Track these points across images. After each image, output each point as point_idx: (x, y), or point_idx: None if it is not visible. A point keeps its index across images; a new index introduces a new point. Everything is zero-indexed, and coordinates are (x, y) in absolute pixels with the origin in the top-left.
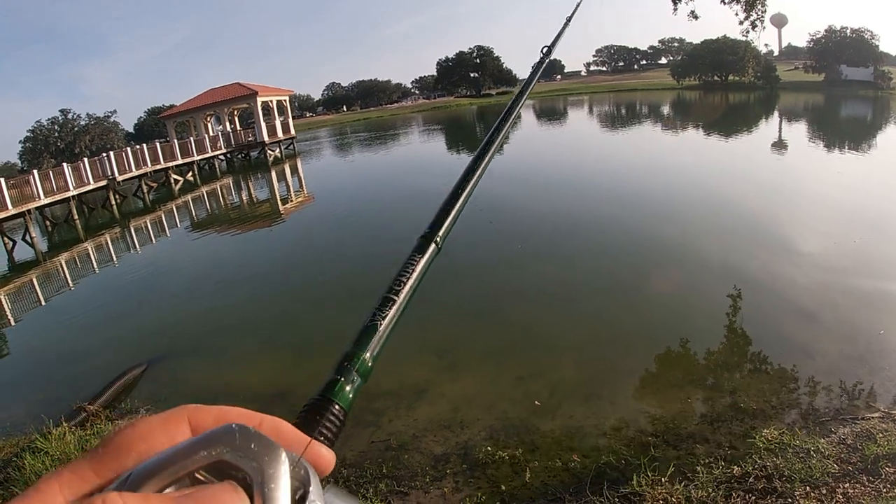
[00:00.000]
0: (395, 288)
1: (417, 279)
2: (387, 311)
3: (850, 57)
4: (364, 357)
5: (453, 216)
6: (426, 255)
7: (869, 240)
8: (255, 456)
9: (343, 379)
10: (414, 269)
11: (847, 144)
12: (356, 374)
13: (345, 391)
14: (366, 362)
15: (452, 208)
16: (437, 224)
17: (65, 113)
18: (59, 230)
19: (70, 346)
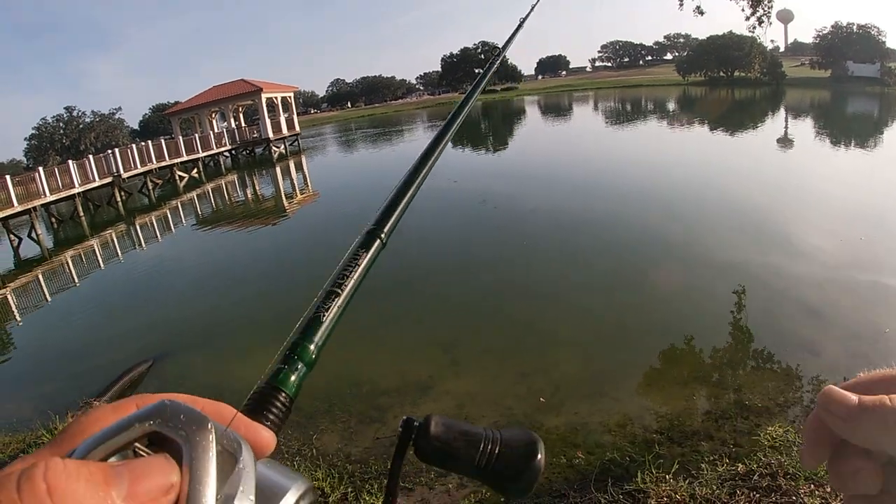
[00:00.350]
0: (339, 282)
1: (361, 274)
2: (330, 304)
3: (856, 53)
4: (309, 347)
5: (399, 212)
6: (371, 251)
7: (875, 237)
8: (184, 426)
9: (288, 367)
10: (358, 264)
11: (853, 141)
12: (301, 363)
13: (290, 379)
14: (310, 352)
15: (399, 204)
16: (383, 220)
17: (70, 110)
18: (65, 227)
19: (76, 342)
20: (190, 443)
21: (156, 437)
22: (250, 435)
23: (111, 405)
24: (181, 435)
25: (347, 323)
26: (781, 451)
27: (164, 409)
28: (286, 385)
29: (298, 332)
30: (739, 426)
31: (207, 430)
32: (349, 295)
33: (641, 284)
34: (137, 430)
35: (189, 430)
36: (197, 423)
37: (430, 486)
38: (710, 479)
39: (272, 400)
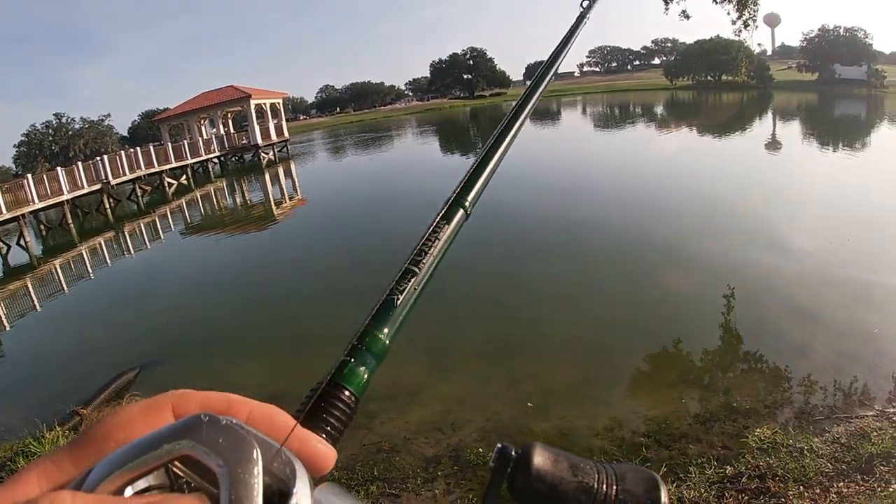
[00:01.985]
0: (417, 259)
1: (443, 249)
2: (405, 285)
3: (843, 56)
4: (379, 336)
5: (484, 179)
6: (453, 222)
7: (861, 238)
8: (222, 451)
9: (355, 361)
10: (439, 238)
11: (840, 144)
12: (370, 356)
13: (356, 374)
14: (381, 341)
15: (484, 170)
16: (466, 188)
17: (59, 117)
18: (54, 234)
19: (64, 349)
20: (230, 476)
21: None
22: (305, 451)
23: (141, 405)
24: (219, 465)
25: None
26: (770, 453)
27: (198, 426)
28: (352, 382)
29: (368, 319)
30: (727, 428)
31: (252, 459)
32: (428, 273)
33: (629, 287)
34: (165, 452)
35: (229, 457)
36: (239, 448)
37: (417, 493)
38: (698, 481)
39: (333, 401)
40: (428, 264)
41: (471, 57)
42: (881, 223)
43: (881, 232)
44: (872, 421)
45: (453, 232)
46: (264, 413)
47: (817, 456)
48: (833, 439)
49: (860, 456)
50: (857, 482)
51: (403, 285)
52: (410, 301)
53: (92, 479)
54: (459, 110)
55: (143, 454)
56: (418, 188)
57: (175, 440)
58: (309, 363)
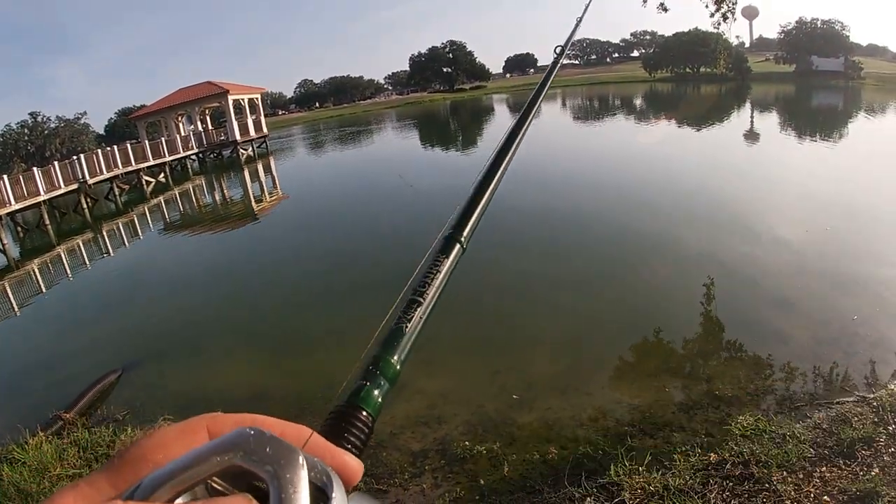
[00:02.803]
0: (421, 290)
1: (443, 281)
2: (412, 314)
3: (820, 48)
4: (391, 361)
5: (477, 215)
6: (451, 256)
7: (840, 227)
8: (270, 460)
9: (370, 384)
10: (439, 271)
11: (818, 134)
12: (383, 379)
13: (372, 396)
14: (393, 366)
15: (476, 207)
16: (461, 223)
17: (34, 116)
18: (31, 236)
19: (44, 353)
20: (278, 479)
21: (234, 470)
22: (336, 464)
23: (177, 427)
24: (268, 471)
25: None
26: (753, 440)
27: (246, 438)
28: (368, 404)
29: (379, 344)
30: (711, 416)
31: (298, 465)
32: (431, 303)
33: (611, 278)
34: (216, 463)
35: (277, 463)
36: (286, 455)
37: (405, 487)
38: (682, 469)
39: (354, 420)
40: (431, 295)
41: (450, 50)
42: (860, 212)
43: (860, 220)
44: (853, 406)
45: (452, 265)
46: (296, 431)
47: (800, 442)
48: (815, 425)
49: (842, 441)
50: (839, 467)
51: (410, 314)
52: (418, 328)
53: (141, 493)
54: (440, 104)
55: (193, 467)
56: (399, 183)
57: (225, 452)
58: (291, 361)
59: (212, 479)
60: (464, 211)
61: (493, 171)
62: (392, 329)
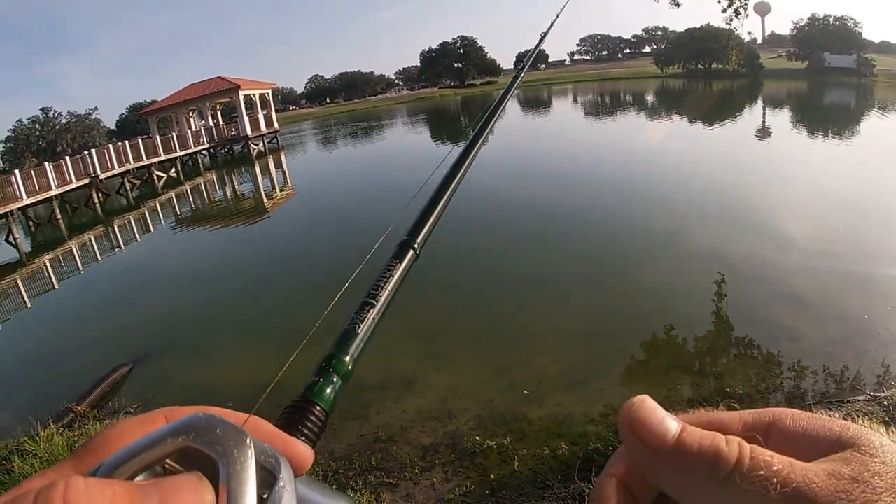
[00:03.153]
0: (374, 293)
1: (395, 285)
2: (365, 315)
3: (833, 44)
4: (344, 360)
5: (431, 223)
6: (404, 262)
7: (852, 225)
8: (219, 441)
9: (323, 381)
10: (392, 275)
11: (830, 131)
12: (336, 376)
13: (325, 393)
14: (346, 364)
15: (431, 215)
16: (415, 231)
17: (46, 111)
18: (43, 230)
19: (56, 346)
20: (227, 459)
21: (188, 453)
22: (287, 450)
23: (137, 418)
24: (217, 451)
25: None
26: None
27: (198, 422)
28: (321, 399)
29: (333, 344)
30: None
31: (246, 445)
32: (384, 306)
33: (623, 274)
34: (169, 445)
35: (226, 445)
36: (234, 437)
37: (415, 481)
38: None
39: (307, 414)
40: (384, 298)
41: (461, 46)
42: (871, 210)
43: (872, 218)
44: (863, 405)
45: (405, 270)
46: (250, 422)
47: None
48: None
49: None
50: None
51: (364, 315)
52: (370, 329)
53: (103, 471)
54: (450, 99)
55: (147, 449)
56: (410, 179)
57: (178, 435)
58: (301, 359)
59: (166, 461)
60: (419, 219)
61: (448, 182)
62: (345, 329)
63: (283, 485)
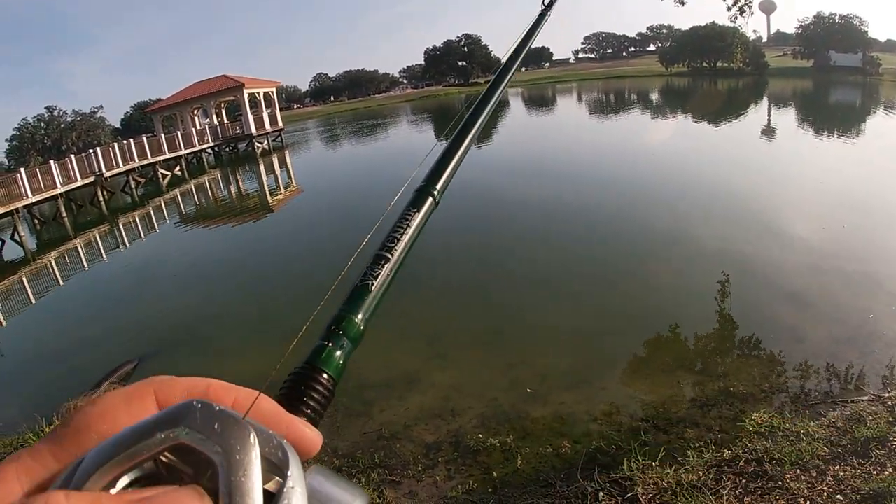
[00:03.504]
0: (389, 245)
1: (413, 236)
2: (379, 271)
3: (838, 43)
4: (355, 320)
5: (452, 167)
6: (423, 210)
7: (857, 224)
8: (218, 439)
9: (332, 345)
10: (409, 225)
11: (836, 130)
12: (346, 339)
13: (334, 358)
14: (357, 325)
15: (451, 159)
16: (434, 176)
17: (51, 110)
18: (48, 228)
19: (61, 343)
20: (228, 462)
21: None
22: (293, 434)
23: (122, 393)
24: (216, 452)
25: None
26: (767, 437)
27: (192, 412)
28: (329, 365)
29: (344, 303)
30: (725, 412)
31: (249, 443)
32: (400, 259)
33: (626, 273)
34: (159, 441)
35: (226, 443)
36: (236, 433)
37: (418, 479)
38: (696, 465)
39: (313, 384)
40: (399, 250)
41: (465, 44)
42: (877, 209)
43: (877, 218)
44: (868, 405)
45: (423, 219)
46: (249, 398)
47: (814, 440)
48: (829, 423)
49: (856, 440)
50: (853, 465)
51: (377, 271)
52: (384, 286)
53: (81, 475)
54: (454, 97)
55: (135, 444)
56: (414, 177)
57: (169, 428)
58: (304, 354)
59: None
60: (438, 164)
61: (469, 125)
62: (357, 286)
63: (293, 484)
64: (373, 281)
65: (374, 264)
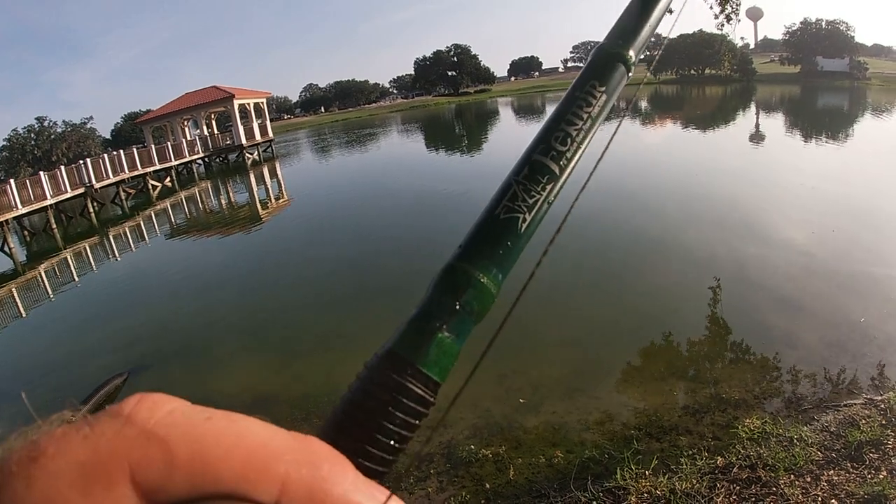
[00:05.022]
0: (558, 149)
1: (593, 130)
2: (538, 193)
3: (825, 48)
4: (484, 282)
5: (653, 22)
6: (611, 84)
7: (847, 229)
8: None
9: (446, 327)
10: (590, 113)
11: (823, 135)
12: (467, 316)
13: (444, 350)
14: (489, 291)
15: (650, 15)
16: (626, 31)
17: (41, 120)
18: (38, 240)
19: (50, 356)
20: None
21: None
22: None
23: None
24: None
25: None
26: (760, 443)
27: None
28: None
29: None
30: (717, 419)
31: None
32: (573, 166)
33: (617, 280)
34: None
35: None
36: None
37: (410, 491)
38: (689, 473)
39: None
40: (573, 156)
41: (455, 54)
42: (866, 213)
43: (866, 222)
44: (861, 409)
45: (608, 100)
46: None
47: (807, 445)
48: (822, 428)
49: (849, 444)
50: (846, 470)
51: (534, 194)
52: (537, 224)
53: None
54: (444, 107)
55: None
56: (404, 187)
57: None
58: (298, 368)
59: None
60: (637, 18)
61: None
62: (488, 219)
63: None
64: (525, 213)
65: (527, 181)
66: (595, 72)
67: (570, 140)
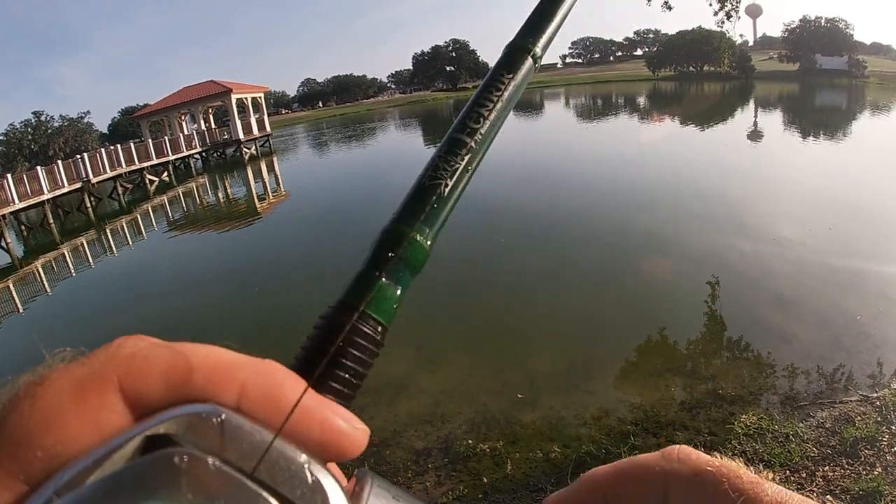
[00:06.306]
0: (471, 126)
1: (505, 108)
2: (456, 163)
3: (824, 46)
4: (418, 238)
5: (558, 21)
6: (519, 73)
7: (843, 226)
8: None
9: (385, 276)
10: (500, 97)
11: (821, 133)
12: (405, 267)
13: (387, 295)
14: (421, 246)
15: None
16: (533, 29)
17: (38, 115)
18: (35, 235)
19: (47, 351)
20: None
21: None
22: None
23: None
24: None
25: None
26: (756, 439)
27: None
28: (380, 307)
29: (399, 212)
30: (714, 415)
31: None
32: (485, 147)
33: (615, 276)
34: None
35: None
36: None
37: (408, 486)
38: None
39: (359, 340)
40: (485, 133)
41: (453, 49)
42: (863, 211)
43: (863, 219)
44: (856, 405)
45: (518, 87)
46: (264, 385)
47: (802, 441)
48: (818, 424)
49: (845, 440)
50: (842, 466)
51: (453, 162)
52: (462, 186)
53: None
54: (443, 103)
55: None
56: (403, 181)
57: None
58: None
59: None
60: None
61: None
62: (419, 187)
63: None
64: (447, 179)
65: (447, 154)
66: (506, 64)
67: (482, 119)
